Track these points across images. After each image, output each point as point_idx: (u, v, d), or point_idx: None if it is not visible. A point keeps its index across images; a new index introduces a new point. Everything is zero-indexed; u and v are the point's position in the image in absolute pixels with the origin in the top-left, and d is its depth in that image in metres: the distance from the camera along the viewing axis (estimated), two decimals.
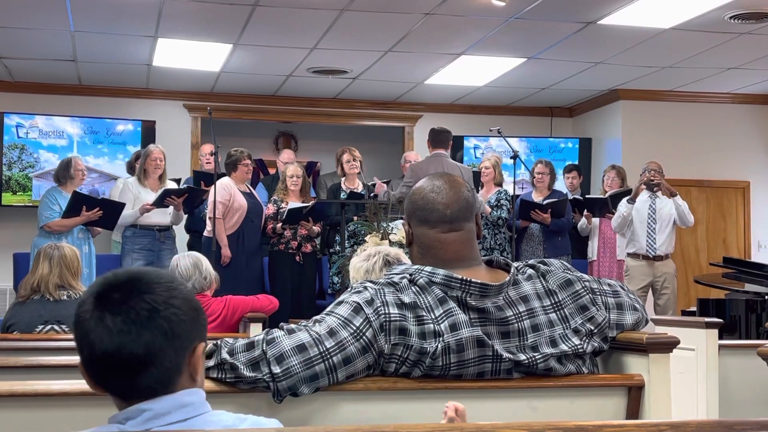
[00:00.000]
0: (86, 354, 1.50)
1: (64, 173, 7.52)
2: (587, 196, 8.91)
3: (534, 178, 8.37)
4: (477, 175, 8.12)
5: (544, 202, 8.06)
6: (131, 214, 7.37)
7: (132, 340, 1.46)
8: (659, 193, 7.97)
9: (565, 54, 8.42)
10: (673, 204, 7.82)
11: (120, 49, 8.40)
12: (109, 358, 1.47)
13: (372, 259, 3.38)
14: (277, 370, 1.97)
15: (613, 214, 8.14)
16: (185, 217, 7.97)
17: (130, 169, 8.47)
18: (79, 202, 7.18)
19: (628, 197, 7.80)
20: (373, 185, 8.05)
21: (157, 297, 1.50)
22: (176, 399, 1.51)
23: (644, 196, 7.92)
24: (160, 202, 7.35)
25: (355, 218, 7.67)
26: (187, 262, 4.69)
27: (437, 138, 7.54)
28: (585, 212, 8.41)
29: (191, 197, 7.57)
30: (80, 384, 1.95)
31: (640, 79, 9.43)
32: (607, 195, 8.43)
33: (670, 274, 7.85)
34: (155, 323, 1.48)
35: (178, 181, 8.40)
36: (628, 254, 7.91)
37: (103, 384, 1.52)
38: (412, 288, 2.12)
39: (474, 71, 9.12)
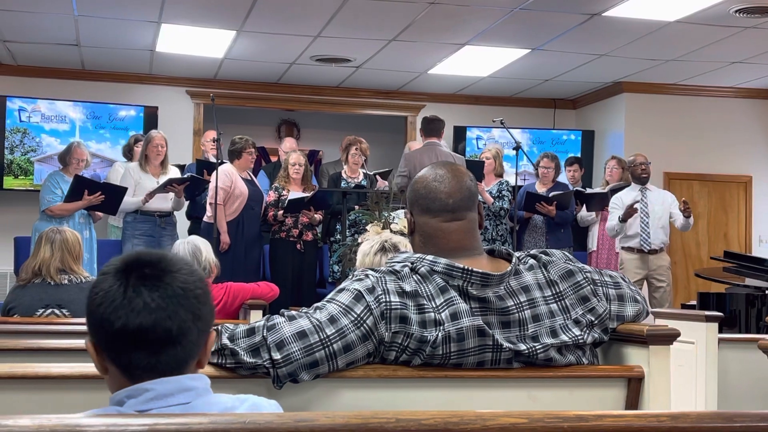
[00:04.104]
0: (116, 328, 1.48)
1: (65, 157, 7.53)
2: (587, 190, 8.89)
3: (539, 171, 8.35)
4: (480, 166, 8.07)
5: (550, 194, 8.06)
6: (134, 202, 7.36)
7: (168, 316, 1.49)
8: (650, 186, 7.96)
9: (569, 46, 8.40)
10: (681, 215, 7.78)
11: (123, 35, 8.39)
12: (143, 332, 1.48)
13: (372, 244, 3.38)
14: (277, 356, 1.97)
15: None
16: (186, 203, 7.97)
17: (127, 153, 8.44)
18: (80, 186, 7.17)
19: (620, 215, 7.70)
20: (375, 176, 8.09)
21: (187, 278, 1.53)
22: (180, 382, 1.52)
23: (635, 190, 7.90)
24: (162, 190, 7.34)
25: (357, 207, 7.67)
26: (186, 251, 4.66)
27: (429, 127, 7.61)
28: (584, 208, 8.42)
29: (193, 185, 7.56)
30: (80, 367, 1.96)
31: (644, 72, 9.41)
32: (607, 188, 8.42)
33: (665, 268, 7.84)
34: (189, 302, 1.51)
35: (182, 168, 8.39)
36: (623, 248, 7.91)
37: (121, 361, 1.51)
38: (414, 276, 2.11)
39: (478, 62, 9.11)
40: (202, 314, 1.54)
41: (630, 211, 7.62)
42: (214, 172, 7.33)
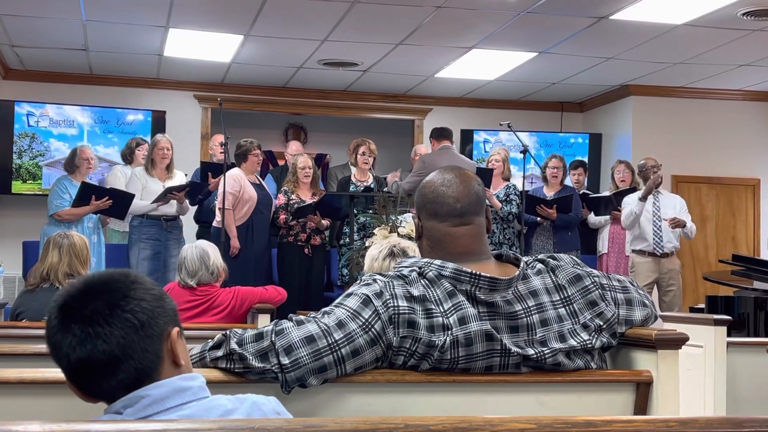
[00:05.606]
0: (65, 365, 1.52)
1: (71, 162, 7.53)
2: (592, 194, 8.86)
3: (548, 172, 8.32)
4: (489, 172, 8.03)
5: (553, 197, 8.04)
6: (144, 204, 7.36)
7: (102, 341, 1.49)
8: (661, 190, 7.95)
9: (577, 49, 8.40)
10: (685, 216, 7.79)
11: (131, 39, 8.41)
12: (86, 363, 1.50)
13: (381, 249, 3.38)
14: (285, 361, 1.97)
15: (619, 211, 8.11)
16: (193, 208, 7.97)
17: (128, 156, 8.36)
18: (87, 192, 7.18)
19: (639, 195, 7.73)
20: (385, 178, 8.13)
21: (114, 294, 1.52)
22: (173, 384, 1.53)
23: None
24: (163, 198, 7.33)
25: (363, 210, 7.68)
26: (194, 255, 4.66)
27: (442, 133, 7.89)
28: (592, 213, 8.40)
29: (193, 190, 7.56)
30: None
31: (652, 74, 9.40)
32: (611, 193, 8.41)
33: (676, 271, 7.84)
34: (120, 319, 1.51)
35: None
36: (634, 251, 7.89)
37: (92, 391, 1.54)
38: (422, 281, 2.11)
39: (485, 65, 9.11)
40: (145, 321, 1.53)
41: (652, 185, 7.63)
42: (221, 175, 7.33)
